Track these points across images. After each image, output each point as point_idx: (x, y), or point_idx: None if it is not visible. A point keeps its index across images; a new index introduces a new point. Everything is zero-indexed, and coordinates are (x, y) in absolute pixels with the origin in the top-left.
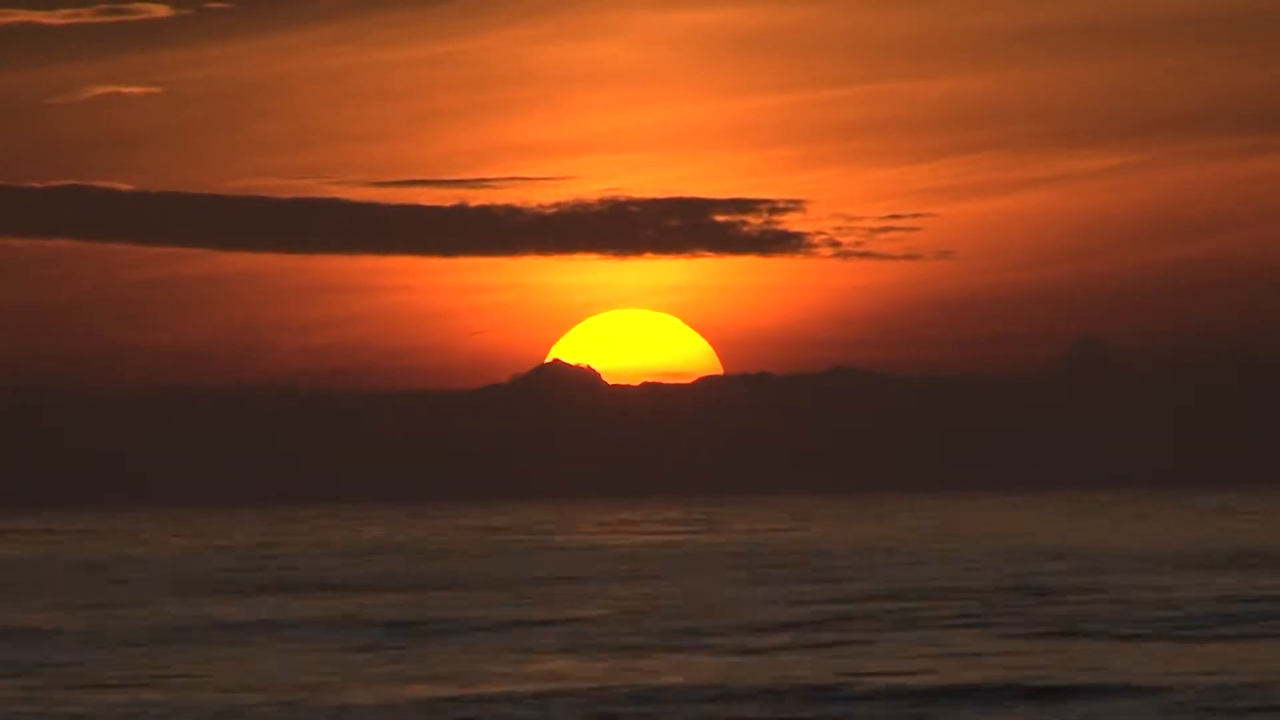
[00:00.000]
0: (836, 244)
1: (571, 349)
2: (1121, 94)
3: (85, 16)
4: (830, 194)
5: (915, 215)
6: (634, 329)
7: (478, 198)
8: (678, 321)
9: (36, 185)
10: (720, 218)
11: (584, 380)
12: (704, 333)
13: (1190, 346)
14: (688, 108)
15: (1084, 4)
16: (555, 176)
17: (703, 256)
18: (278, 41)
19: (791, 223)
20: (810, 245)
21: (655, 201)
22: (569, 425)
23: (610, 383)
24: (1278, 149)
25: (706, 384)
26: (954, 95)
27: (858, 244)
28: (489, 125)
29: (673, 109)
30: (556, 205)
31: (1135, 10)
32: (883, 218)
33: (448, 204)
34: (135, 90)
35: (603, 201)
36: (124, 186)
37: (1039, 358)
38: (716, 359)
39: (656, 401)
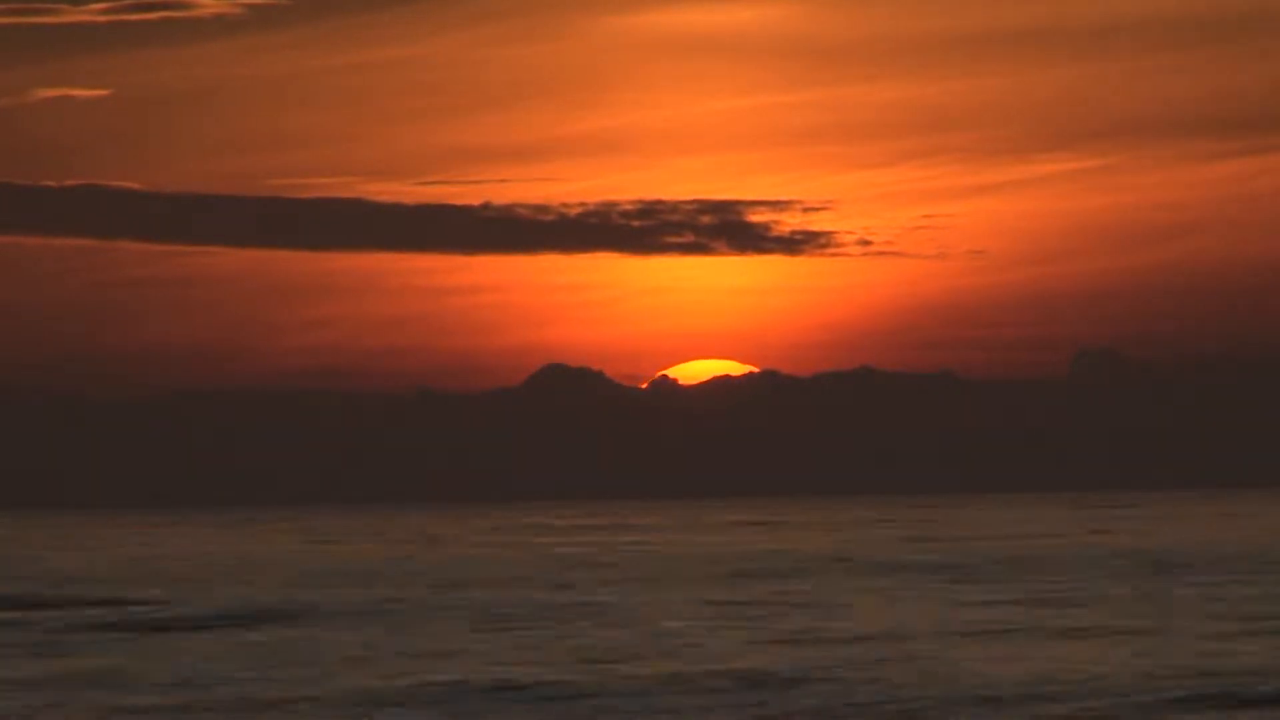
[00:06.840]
0: (867, 243)
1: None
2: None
3: (119, 14)
4: (860, 194)
5: (948, 215)
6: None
7: (502, 196)
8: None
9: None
10: (750, 218)
11: (591, 381)
12: (726, 332)
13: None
14: (714, 109)
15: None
16: (583, 177)
17: (728, 256)
18: (297, 38)
19: (822, 222)
20: (839, 244)
21: (684, 202)
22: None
23: (618, 383)
24: None
25: (723, 383)
26: (979, 95)
27: (889, 243)
28: (508, 126)
29: (700, 111)
30: (581, 205)
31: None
32: (914, 217)
33: (474, 203)
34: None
35: (631, 201)
36: (134, 185)
37: (1054, 361)
38: (736, 359)
39: (670, 402)
